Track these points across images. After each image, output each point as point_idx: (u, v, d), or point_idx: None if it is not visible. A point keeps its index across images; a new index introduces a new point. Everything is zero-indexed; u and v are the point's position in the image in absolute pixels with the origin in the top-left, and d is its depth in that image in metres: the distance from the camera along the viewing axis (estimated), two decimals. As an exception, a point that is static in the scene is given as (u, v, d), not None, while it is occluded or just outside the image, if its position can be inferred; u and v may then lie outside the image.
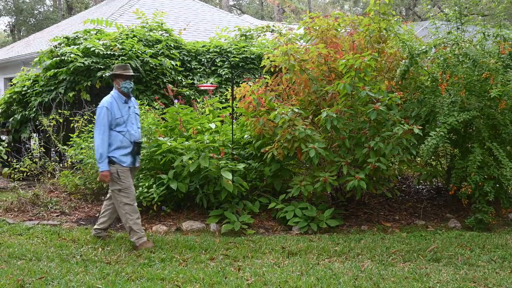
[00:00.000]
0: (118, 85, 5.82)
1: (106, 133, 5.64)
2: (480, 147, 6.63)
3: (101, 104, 5.70)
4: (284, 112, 6.45)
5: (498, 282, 4.68)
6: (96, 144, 5.63)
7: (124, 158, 5.72)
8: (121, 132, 5.72)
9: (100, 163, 5.62)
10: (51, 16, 42.71)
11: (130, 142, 5.76)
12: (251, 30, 13.17)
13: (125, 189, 5.70)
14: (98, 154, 5.61)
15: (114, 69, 5.89)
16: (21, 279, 4.59)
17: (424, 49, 6.98)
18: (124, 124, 5.74)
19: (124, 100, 5.82)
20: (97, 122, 5.67)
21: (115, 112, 5.69)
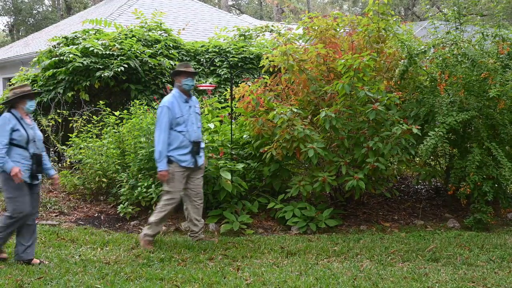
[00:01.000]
0: (180, 83, 5.80)
1: (166, 133, 5.63)
2: (479, 147, 6.64)
3: (162, 103, 5.70)
4: (283, 112, 6.45)
5: (497, 282, 4.68)
6: (156, 144, 5.65)
7: (183, 157, 5.71)
8: (181, 132, 5.71)
9: (159, 162, 5.62)
10: (50, 16, 42.67)
11: (190, 142, 5.74)
12: (250, 30, 13.15)
13: (171, 193, 5.73)
14: (157, 153, 5.62)
15: (176, 68, 5.89)
16: (20, 279, 4.59)
17: (423, 49, 6.99)
18: (184, 123, 5.72)
19: (185, 99, 5.80)
20: (157, 121, 5.68)
21: (176, 112, 5.67)
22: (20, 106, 5.11)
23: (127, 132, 7.63)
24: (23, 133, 5.00)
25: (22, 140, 4.99)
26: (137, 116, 7.65)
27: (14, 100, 5.07)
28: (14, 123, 4.98)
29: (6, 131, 4.93)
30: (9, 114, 5.04)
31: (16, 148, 4.98)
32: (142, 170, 7.18)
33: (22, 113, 5.11)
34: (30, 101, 5.13)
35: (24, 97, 5.09)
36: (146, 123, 7.30)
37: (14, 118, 5.01)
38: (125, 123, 7.75)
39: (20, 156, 4.98)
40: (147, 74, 9.98)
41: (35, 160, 5.06)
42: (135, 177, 7.16)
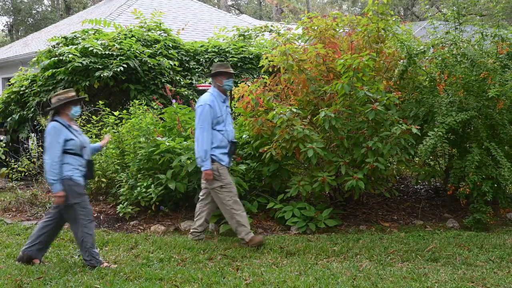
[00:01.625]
0: (221, 83, 5.81)
1: (209, 131, 5.62)
2: (478, 147, 6.64)
3: (203, 102, 5.67)
4: (283, 112, 6.45)
5: (496, 282, 4.68)
6: (200, 143, 5.61)
7: (223, 157, 5.72)
8: (221, 131, 5.72)
9: (204, 161, 5.60)
10: (49, 16, 42.66)
11: (228, 141, 5.76)
12: (250, 30, 13.17)
13: (226, 185, 5.72)
14: (203, 152, 5.59)
15: (215, 68, 5.87)
16: (19, 279, 4.59)
17: (422, 49, 6.99)
18: (223, 123, 5.74)
19: (223, 99, 5.81)
20: (200, 120, 5.64)
21: (217, 111, 5.66)
22: (65, 112, 5.00)
23: (127, 132, 7.62)
24: (77, 141, 4.93)
25: (76, 148, 4.93)
26: (137, 116, 7.64)
27: (59, 107, 4.96)
28: (65, 133, 4.89)
29: (58, 143, 4.84)
30: (58, 123, 4.93)
31: (72, 156, 4.91)
32: (142, 170, 7.17)
33: (68, 119, 5.01)
34: (75, 106, 5.05)
35: (69, 103, 4.99)
36: (145, 123, 7.30)
37: (63, 127, 4.92)
38: (125, 123, 7.75)
39: (77, 163, 4.95)
40: (146, 74, 9.98)
41: (89, 167, 5.06)
42: (135, 177, 7.15)
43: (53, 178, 4.80)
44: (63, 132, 4.88)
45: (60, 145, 4.83)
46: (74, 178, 4.91)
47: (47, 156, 4.84)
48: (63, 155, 4.87)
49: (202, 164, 5.63)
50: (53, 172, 4.80)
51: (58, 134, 4.85)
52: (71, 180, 4.89)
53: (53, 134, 4.85)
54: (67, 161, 4.88)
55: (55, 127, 4.88)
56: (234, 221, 5.74)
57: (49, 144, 4.86)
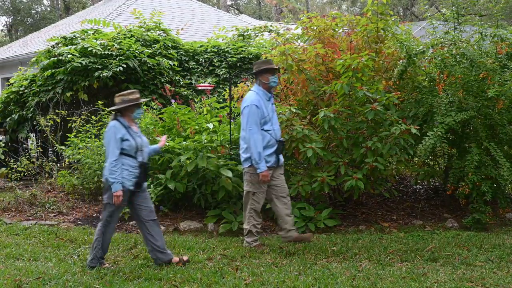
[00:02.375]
0: (267, 81, 5.65)
1: (259, 132, 5.49)
2: (478, 147, 6.64)
3: (248, 102, 5.52)
4: (282, 112, 6.45)
5: (495, 282, 4.68)
6: (253, 145, 5.47)
7: (269, 158, 5.59)
8: (268, 131, 5.59)
9: (259, 163, 5.47)
10: (49, 16, 42.63)
11: (276, 141, 5.65)
12: (249, 30, 13.16)
13: (258, 194, 5.64)
14: (256, 154, 5.46)
15: (260, 65, 5.70)
16: (19, 279, 4.59)
17: (421, 49, 6.99)
18: (270, 122, 5.60)
19: (269, 97, 5.66)
20: (248, 121, 5.50)
21: (263, 110, 5.53)
22: (127, 113, 5.00)
23: (126, 132, 7.60)
24: (132, 142, 4.92)
25: (131, 149, 4.92)
26: (136, 116, 7.63)
27: (123, 108, 4.95)
28: (123, 132, 4.88)
29: (117, 140, 4.85)
30: (118, 123, 4.93)
31: (125, 156, 4.90)
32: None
33: (129, 120, 5.00)
34: (138, 109, 5.05)
35: (134, 105, 4.99)
36: (145, 123, 7.30)
37: (122, 127, 4.91)
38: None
39: (129, 165, 4.92)
40: (146, 74, 9.98)
41: (142, 169, 5.00)
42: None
43: (112, 176, 4.79)
44: (121, 132, 4.88)
45: (119, 143, 4.84)
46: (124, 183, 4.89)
47: (107, 154, 4.89)
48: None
49: (257, 166, 5.49)
50: (112, 171, 4.80)
51: (116, 133, 4.86)
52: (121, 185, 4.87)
53: (111, 133, 4.87)
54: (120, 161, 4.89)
55: (114, 126, 4.90)
56: (248, 227, 5.73)
57: (108, 143, 4.88)
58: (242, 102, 5.72)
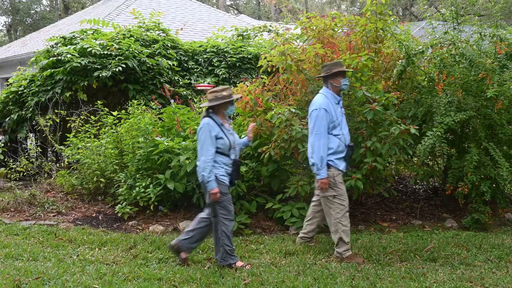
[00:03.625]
0: (338, 84, 5.45)
1: (326, 137, 5.28)
2: (477, 147, 6.65)
3: (317, 106, 5.32)
4: (281, 112, 6.44)
5: (494, 281, 4.69)
6: (316, 149, 5.26)
7: (340, 162, 5.41)
8: (337, 135, 5.39)
9: (320, 169, 5.25)
10: (48, 16, 42.64)
11: (345, 145, 5.46)
12: (248, 30, 13.17)
13: (340, 195, 5.36)
14: (318, 160, 5.24)
15: (332, 67, 5.46)
16: (18, 279, 4.58)
17: (420, 49, 6.99)
18: (339, 126, 5.41)
19: (338, 100, 5.48)
20: (315, 125, 5.30)
21: (332, 114, 5.33)
22: (220, 110, 4.94)
23: (125, 132, 7.62)
24: (226, 140, 4.89)
25: (225, 148, 4.89)
26: (135, 116, 7.64)
27: (216, 105, 4.90)
28: (217, 130, 4.85)
29: (212, 138, 4.81)
30: (211, 120, 4.88)
31: (219, 155, 4.89)
32: (140, 170, 7.17)
33: (222, 118, 4.95)
34: (231, 105, 4.98)
35: (228, 102, 4.92)
36: (144, 123, 7.29)
37: (216, 125, 4.87)
38: (123, 123, 7.74)
39: (223, 163, 4.92)
40: (145, 74, 9.98)
41: (235, 167, 4.99)
42: (133, 177, 7.15)
43: (207, 175, 4.76)
44: (215, 130, 4.84)
45: (213, 141, 4.81)
46: (219, 177, 4.89)
47: (201, 152, 4.82)
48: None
49: (317, 172, 5.29)
50: (206, 169, 4.77)
51: (211, 130, 4.82)
52: (216, 179, 4.87)
53: (206, 130, 4.83)
54: (214, 159, 4.87)
55: (208, 124, 4.85)
56: (337, 235, 5.36)
57: (203, 141, 4.83)
58: (310, 105, 5.50)
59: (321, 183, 5.31)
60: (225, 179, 4.96)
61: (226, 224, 4.99)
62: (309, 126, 5.44)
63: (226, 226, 4.99)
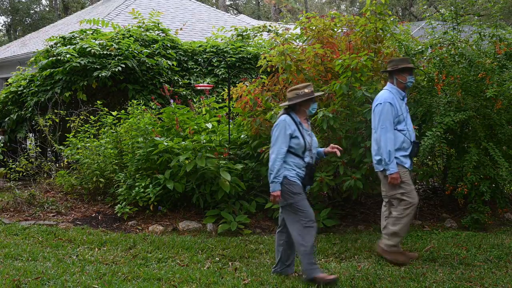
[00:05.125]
0: (404, 80, 5.30)
1: (392, 132, 5.13)
2: (476, 147, 6.65)
3: (382, 100, 5.20)
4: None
5: (494, 281, 4.69)
6: (383, 144, 5.12)
7: (405, 159, 5.23)
8: (402, 131, 5.23)
9: (389, 164, 5.10)
10: (47, 16, 42.64)
11: (410, 142, 5.28)
12: (248, 30, 13.17)
13: (408, 192, 5.18)
14: (386, 154, 5.09)
15: (398, 63, 5.32)
16: (17, 279, 4.58)
17: (420, 49, 6.99)
18: (404, 122, 5.25)
19: (402, 96, 5.34)
20: (380, 119, 5.16)
21: (398, 109, 5.19)
22: (301, 108, 4.67)
23: (125, 132, 7.62)
24: (301, 141, 4.57)
25: (299, 148, 4.57)
26: (135, 116, 7.64)
27: (297, 104, 4.64)
28: (293, 128, 4.55)
29: (286, 136, 4.52)
30: (289, 118, 4.60)
31: (291, 155, 4.57)
32: (140, 170, 7.17)
33: (301, 116, 4.68)
34: (313, 103, 4.70)
35: (309, 99, 4.65)
36: (143, 123, 7.29)
37: (293, 123, 4.58)
38: (123, 123, 7.74)
39: (294, 164, 4.58)
40: (144, 74, 9.98)
41: (308, 171, 4.63)
42: (133, 177, 7.15)
43: (273, 174, 4.50)
44: (291, 128, 4.55)
45: (287, 138, 4.52)
46: (289, 177, 4.56)
47: (272, 150, 4.56)
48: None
49: (386, 167, 5.11)
50: (274, 168, 4.49)
51: (286, 128, 4.54)
52: (286, 179, 4.56)
53: (281, 127, 4.55)
54: (285, 159, 4.57)
55: (285, 121, 4.57)
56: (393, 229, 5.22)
57: (276, 138, 4.56)
58: (374, 100, 5.39)
59: (392, 178, 5.12)
60: (296, 180, 4.60)
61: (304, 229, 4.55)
62: (374, 122, 5.27)
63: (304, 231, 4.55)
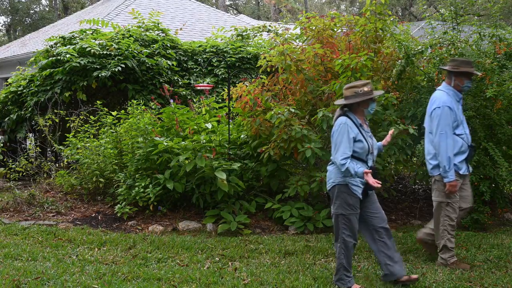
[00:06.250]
0: (462, 83, 5.10)
1: (451, 137, 4.95)
2: (476, 147, 6.65)
3: (440, 103, 4.99)
4: (281, 112, 6.45)
5: (493, 281, 4.69)
6: (443, 150, 4.92)
7: (461, 165, 5.05)
8: (460, 135, 5.06)
9: (448, 171, 4.90)
10: (47, 16, 42.64)
11: (468, 146, 5.11)
12: (248, 30, 13.17)
13: (454, 202, 5.06)
14: (446, 161, 4.90)
15: (458, 65, 5.11)
16: (17, 279, 4.58)
17: (420, 49, 6.99)
18: (461, 125, 5.09)
19: (459, 98, 5.14)
20: (439, 124, 4.97)
21: (456, 112, 5.01)
22: (360, 108, 4.39)
23: (125, 132, 7.62)
24: (365, 144, 4.32)
25: (363, 153, 4.32)
26: (135, 116, 7.64)
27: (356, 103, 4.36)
28: (356, 132, 4.29)
29: (350, 140, 4.25)
30: (349, 120, 4.32)
31: (354, 160, 4.30)
32: (140, 170, 7.17)
33: (360, 117, 4.42)
34: (373, 103, 4.44)
35: (368, 99, 4.36)
36: (143, 123, 7.29)
37: (354, 126, 4.32)
38: (123, 123, 7.74)
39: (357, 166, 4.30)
40: (144, 74, 9.98)
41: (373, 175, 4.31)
42: (133, 177, 7.15)
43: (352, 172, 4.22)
44: (353, 131, 4.28)
45: (351, 144, 4.24)
46: (351, 187, 4.32)
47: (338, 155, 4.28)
48: None
49: (445, 174, 4.93)
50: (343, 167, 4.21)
51: (349, 131, 4.26)
52: (347, 187, 4.33)
53: (343, 131, 4.26)
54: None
55: (345, 124, 4.28)
56: (441, 242, 5.11)
57: (339, 143, 4.28)
58: (430, 101, 5.21)
59: (450, 186, 4.95)
60: (358, 190, 4.35)
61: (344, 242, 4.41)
62: (432, 125, 5.09)
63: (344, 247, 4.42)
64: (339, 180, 4.36)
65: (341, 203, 4.35)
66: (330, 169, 4.48)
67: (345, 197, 4.34)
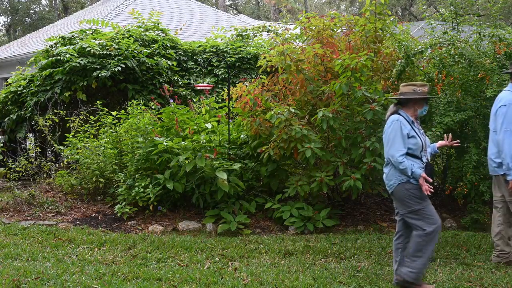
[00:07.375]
0: None
1: None
2: (476, 147, 6.65)
3: (506, 102, 4.98)
4: (281, 112, 6.45)
5: (493, 281, 4.69)
6: (507, 148, 4.88)
7: None
8: None
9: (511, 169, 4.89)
10: (47, 16, 42.63)
11: None
12: (248, 30, 13.16)
13: None
14: (509, 159, 4.86)
15: None
16: (17, 279, 4.58)
17: (420, 49, 6.98)
18: None
19: None
20: (504, 121, 4.94)
21: None
22: (414, 107, 4.44)
23: (125, 132, 7.62)
24: (419, 140, 4.35)
25: (417, 149, 4.34)
26: (135, 116, 7.64)
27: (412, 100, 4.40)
28: (409, 128, 4.32)
29: (404, 137, 4.28)
30: (402, 117, 4.37)
31: (409, 157, 4.32)
32: (140, 170, 7.17)
33: (412, 115, 4.44)
34: (426, 104, 4.50)
35: (423, 99, 4.42)
36: (143, 123, 7.29)
37: (407, 123, 4.36)
38: (123, 123, 7.74)
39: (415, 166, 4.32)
40: (144, 74, 9.98)
41: (428, 171, 4.38)
42: (133, 177, 7.15)
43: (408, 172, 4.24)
44: (406, 127, 4.32)
45: (405, 140, 4.28)
46: (412, 182, 4.33)
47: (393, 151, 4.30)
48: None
49: (508, 172, 4.91)
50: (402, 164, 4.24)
51: (402, 128, 4.30)
52: (409, 183, 4.34)
53: (396, 128, 4.30)
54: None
55: (399, 121, 4.33)
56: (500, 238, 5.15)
57: (392, 140, 4.32)
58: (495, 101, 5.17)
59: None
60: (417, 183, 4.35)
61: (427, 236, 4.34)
62: (496, 123, 5.06)
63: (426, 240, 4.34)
64: (400, 179, 4.37)
65: (411, 199, 4.34)
66: (386, 171, 4.48)
67: (412, 192, 4.34)
